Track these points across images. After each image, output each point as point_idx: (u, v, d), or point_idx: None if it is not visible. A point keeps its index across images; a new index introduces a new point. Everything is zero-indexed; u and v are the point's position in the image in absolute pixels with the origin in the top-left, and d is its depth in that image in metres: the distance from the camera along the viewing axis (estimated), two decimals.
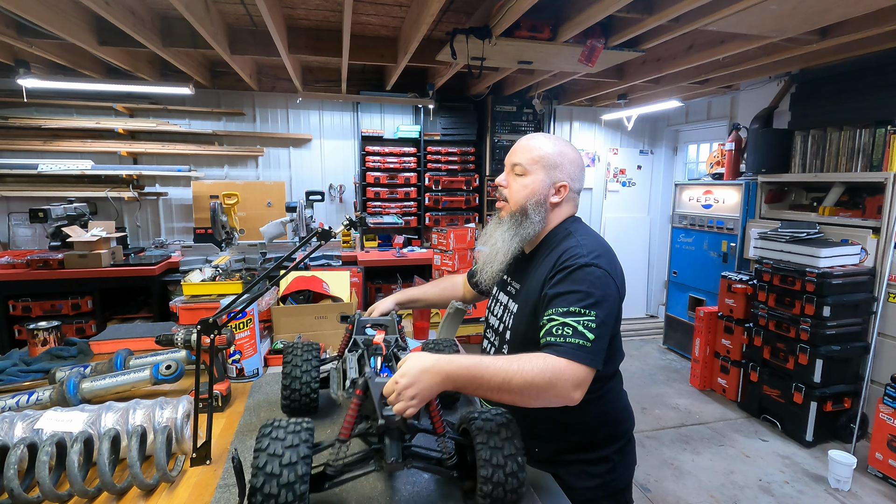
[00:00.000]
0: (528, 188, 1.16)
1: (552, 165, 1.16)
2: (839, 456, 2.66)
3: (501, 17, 2.39)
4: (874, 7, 2.25)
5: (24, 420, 1.02)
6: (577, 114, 5.52)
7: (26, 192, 4.05)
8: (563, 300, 1.01)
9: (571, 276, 1.04)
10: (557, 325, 0.98)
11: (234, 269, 2.27)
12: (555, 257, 1.11)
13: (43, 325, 1.64)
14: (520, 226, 1.17)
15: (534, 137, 1.20)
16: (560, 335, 0.97)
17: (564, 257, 1.08)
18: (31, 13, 2.25)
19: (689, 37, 3.07)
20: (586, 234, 1.16)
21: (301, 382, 1.18)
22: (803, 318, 3.06)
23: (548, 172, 1.16)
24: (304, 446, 0.78)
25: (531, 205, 1.16)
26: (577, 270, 1.04)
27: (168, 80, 4.03)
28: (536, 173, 1.16)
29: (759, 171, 3.85)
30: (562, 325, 0.98)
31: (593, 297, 1.00)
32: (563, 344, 0.96)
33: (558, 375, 0.91)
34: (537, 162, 1.16)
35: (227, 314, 1.10)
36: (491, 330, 1.31)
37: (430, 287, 1.60)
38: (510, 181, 1.20)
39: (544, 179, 1.16)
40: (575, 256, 1.06)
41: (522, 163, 1.17)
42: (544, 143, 1.17)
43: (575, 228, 1.18)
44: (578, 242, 1.11)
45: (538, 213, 1.16)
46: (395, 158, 4.84)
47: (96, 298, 3.59)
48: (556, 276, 1.06)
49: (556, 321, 0.99)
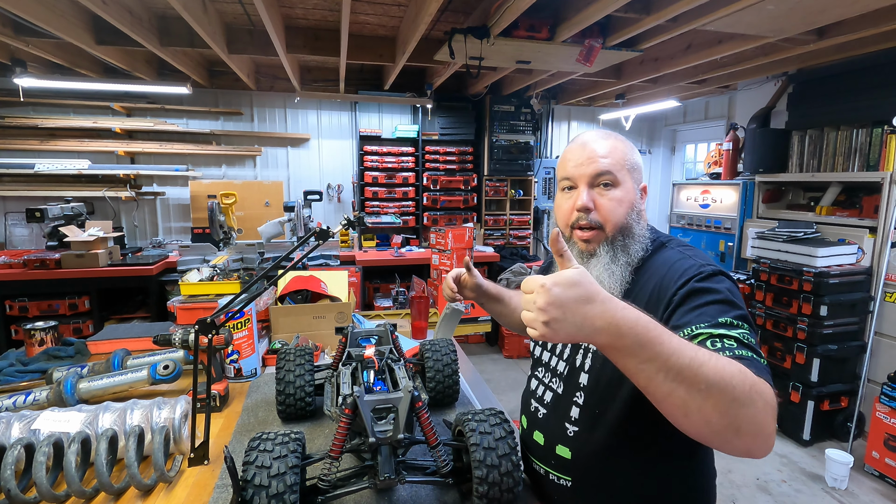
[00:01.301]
0: (624, 202, 0.93)
1: (634, 166, 0.97)
2: (836, 455, 2.67)
3: (500, 17, 2.39)
4: (871, 7, 2.26)
5: (21, 420, 1.02)
6: (576, 113, 5.53)
7: (23, 192, 4.04)
8: (704, 314, 0.79)
9: (704, 286, 0.83)
10: (713, 339, 0.74)
11: (232, 269, 2.27)
12: (660, 275, 0.90)
13: (40, 325, 1.64)
14: (625, 250, 0.94)
15: (601, 137, 0.97)
16: (723, 349, 0.72)
17: (679, 270, 0.87)
18: (28, 12, 2.24)
19: (687, 37, 3.08)
20: (680, 241, 0.98)
21: (295, 387, 1.17)
22: (800, 317, 3.07)
23: (633, 175, 0.96)
24: (293, 456, 0.78)
25: (633, 220, 0.94)
26: (708, 279, 0.84)
27: (166, 79, 4.03)
28: (626, 181, 0.94)
29: (757, 170, 3.86)
30: (720, 338, 0.74)
31: (739, 308, 0.80)
32: (737, 358, 0.69)
33: (760, 391, 0.64)
34: (624, 166, 0.94)
35: (224, 314, 1.10)
36: (546, 370, 1.06)
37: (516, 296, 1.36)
38: (597, 199, 0.94)
39: (633, 186, 0.96)
40: (695, 266, 0.86)
41: (613, 171, 0.93)
42: (615, 142, 0.96)
43: (664, 237, 0.99)
44: (684, 254, 0.91)
45: (640, 224, 0.96)
46: (394, 158, 4.84)
47: (93, 298, 3.58)
48: (679, 293, 0.84)
49: (705, 334, 0.75)
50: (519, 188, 5.17)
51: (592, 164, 0.93)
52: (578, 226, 0.95)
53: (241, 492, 0.75)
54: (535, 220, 5.40)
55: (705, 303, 0.80)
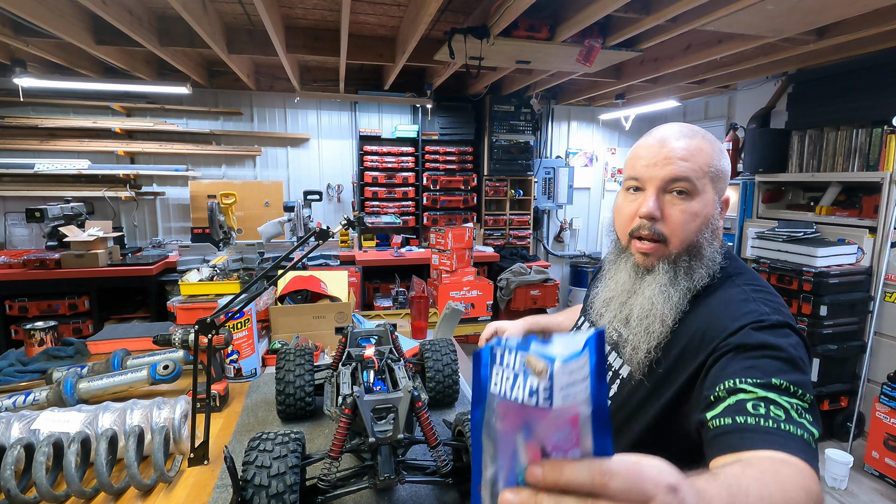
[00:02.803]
0: (699, 216, 0.79)
1: (719, 173, 0.81)
2: (836, 455, 2.67)
3: (499, 17, 2.39)
4: (871, 7, 2.26)
5: (21, 420, 1.02)
6: (575, 113, 5.53)
7: (23, 192, 4.04)
8: (755, 367, 0.66)
9: (762, 337, 0.70)
10: (757, 402, 0.62)
11: (232, 269, 2.27)
12: (714, 314, 0.77)
13: (40, 325, 1.64)
14: (689, 274, 0.80)
15: (684, 134, 0.81)
16: (766, 417, 0.61)
17: (737, 313, 0.74)
18: (27, 12, 2.24)
19: (687, 37, 3.08)
20: (753, 277, 0.82)
21: (294, 387, 1.18)
22: (800, 317, 3.07)
23: (716, 185, 0.81)
24: (293, 456, 0.78)
25: (706, 239, 0.80)
26: (771, 329, 0.71)
27: (165, 79, 4.03)
28: (706, 191, 0.79)
29: (757, 170, 3.86)
30: (765, 403, 0.62)
31: (802, 373, 0.66)
32: (779, 433, 0.59)
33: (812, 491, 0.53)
34: (707, 173, 0.79)
35: (224, 314, 1.10)
36: None
37: (559, 316, 1.29)
38: (666, 208, 0.80)
39: (714, 197, 0.80)
40: (757, 312, 0.73)
41: (693, 177, 0.78)
42: (701, 142, 0.80)
43: (736, 268, 0.83)
44: (749, 296, 0.77)
45: (712, 246, 0.81)
46: (393, 158, 4.84)
47: (93, 298, 3.58)
48: (729, 340, 0.71)
49: (750, 393, 0.63)
50: (519, 188, 5.17)
51: (668, 167, 0.78)
52: (638, 235, 0.82)
53: (241, 492, 0.75)
54: (535, 220, 5.40)
55: (760, 356, 0.68)
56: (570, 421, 0.36)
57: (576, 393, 0.35)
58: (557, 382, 0.35)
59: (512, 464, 0.38)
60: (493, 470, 0.39)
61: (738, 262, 0.86)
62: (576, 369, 0.35)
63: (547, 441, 0.37)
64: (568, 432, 0.36)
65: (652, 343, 0.79)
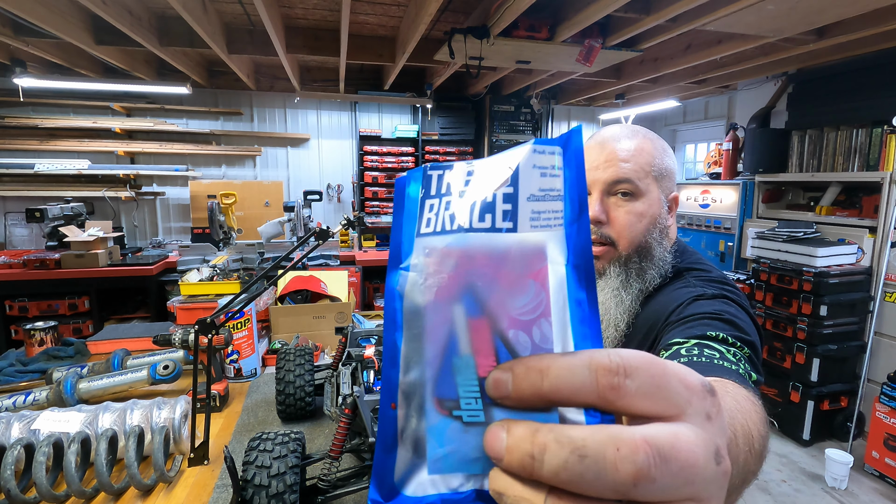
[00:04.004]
0: (645, 216, 0.79)
1: (663, 172, 0.81)
2: (836, 454, 2.66)
3: (499, 17, 2.39)
4: (871, 7, 2.26)
5: (21, 420, 1.02)
6: (575, 113, 5.53)
7: (23, 192, 4.04)
8: (691, 328, 0.68)
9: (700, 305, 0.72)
10: (689, 347, 0.63)
11: (232, 269, 2.27)
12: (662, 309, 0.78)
13: (40, 325, 1.64)
14: (640, 275, 0.80)
15: (625, 135, 0.81)
16: (699, 355, 0.60)
17: (679, 298, 0.77)
18: (27, 12, 2.24)
19: (687, 37, 3.08)
20: (703, 271, 0.83)
21: (295, 387, 1.18)
22: (800, 317, 3.06)
23: (660, 184, 0.81)
24: (293, 456, 0.78)
25: (654, 239, 0.80)
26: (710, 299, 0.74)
27: (165, 79, 4.03)
28: (651, 190, 0.80)
29: (757, 170, 3.86)
30: (698, 347, 0.62)
31: (743, 333, 0.67)
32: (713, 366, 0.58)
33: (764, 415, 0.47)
34: (649, 173, 0.80)
35: (224, 314, 1.10)
36: None
37: None
38: (611, 211, 0.80)
39: (659, 196, 0.81)
40: (698, 290, 0.77)
41: (635, 179, 0.78)
42: (642, 142, 0.81)
43: (687, 263, 0.84)
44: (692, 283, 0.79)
45: (662, 245, 0.81)
46: (393, 158, 4.84)
47: (93, 298, 3.58)
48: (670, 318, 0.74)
49: (685, 344, 0.64)
50: None
51: (610, 169, 0.78)
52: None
53: (241, 492, 0.75)
54: None
55: (696, 320, 0.68)
56: (532, 277, 0.23)
57: (548, 216, 0.24)
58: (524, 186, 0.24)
59: (446, 358, 0.24)
60: (417, 371, 0.24)
61: (692, 257, 0.86)
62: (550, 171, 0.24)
63: (501, 312, 0.23)
64: (532, 296, 0.23)
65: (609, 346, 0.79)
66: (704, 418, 0.21)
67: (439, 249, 0.24)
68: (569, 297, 0.24)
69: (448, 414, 0.24)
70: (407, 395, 0.25)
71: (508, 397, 0.22)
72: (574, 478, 0.19)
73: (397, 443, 0.25)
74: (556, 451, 0.19)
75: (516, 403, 0.22)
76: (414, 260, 0.25)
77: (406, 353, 0.25)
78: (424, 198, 0.26)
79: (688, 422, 0.20)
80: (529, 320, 0.23)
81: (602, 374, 0.20)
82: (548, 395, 0.21)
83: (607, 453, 0.19)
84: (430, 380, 0.24)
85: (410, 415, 0.25)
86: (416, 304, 0.25)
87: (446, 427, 0.24)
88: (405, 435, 0.25)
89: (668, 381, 0.21)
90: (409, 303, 0.25)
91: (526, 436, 0.20)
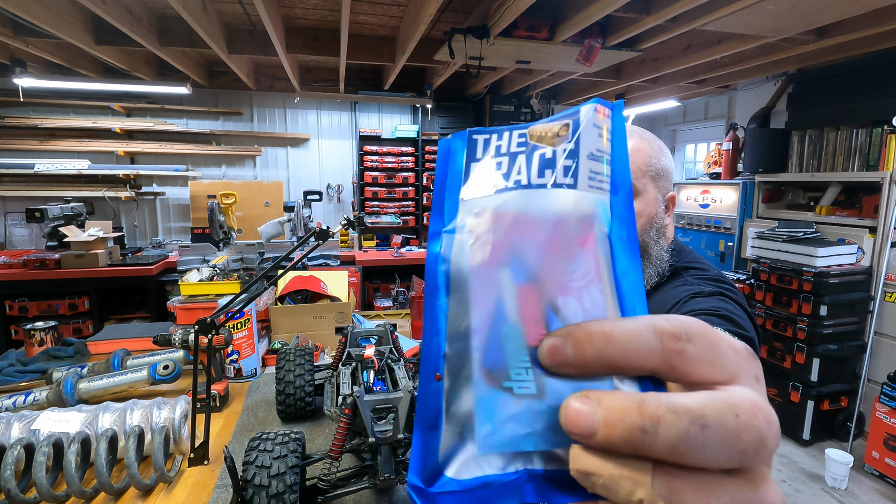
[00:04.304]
0: (641, 216, 0.80)
1: (660, 171, 0.82)
2: (836, 454, 2.66)
3: (499, 17, 2.39)
4: (871, 7, 2.26)
5: (21, 420, 1.02)
6: None
7: (23, 192, 4.04)
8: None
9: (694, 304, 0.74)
10: None
11: (232, 269, 2.27)
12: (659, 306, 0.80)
13: (40, 325, 1.64)
14: None
15: None
16: None
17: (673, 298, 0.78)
18: (27, 12, 2.24)
19: (687, 37, 3.08)
20: (700, 269, 0.84)
21: (295, 387, 1.18)
22: (800, 317, 3.06)
23: (657, 184, 0.82)
24: (293, 456, 0.78)
25: (651, 238, 0.82)
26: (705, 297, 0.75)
27: (165, 79, 4.03)
28: (647, 190, 0.81)
29: (757, 170, 3.86)
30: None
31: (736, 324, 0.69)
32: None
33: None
34: (646, 172, 0.81)
35: (224, 314, 1.10)
36: None
37: None
38: None
39: (656, 196, 0.82)
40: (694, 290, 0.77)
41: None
42: (638, 142, 0.82)
43: (685, 261, 0.85)
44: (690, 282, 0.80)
45: (658, 244, 0.82)
46: (393, 158, 4.84)
47: (93, 298, 3.58)
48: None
49: None
50: None
51: None
52: None
53: (241, 492, 0.75)
54: None
55: (694, 314, 0.67)
56: (581, 245, 0.22)
57: (601, 180, 0.23)
58: (585, 144, 0.23)
59: (494, 326, 0.22)
60: (463, 340, 0.23)
61: (689, 256, 0.87)
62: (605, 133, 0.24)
63: (551, 279, 0.22)
64: (581, 263, 0.22)
65: None
66: (755, 380, 0.21)
67: (492, 208, 0.23)
68: (615, 268, 0.23)
69: (498, 385, 0.22)
70: (454, 365, 0.23)
71: (568, 364, 0.20)
72: (695, 450, 0.17)
73: (442, 419, 0.23)
74: (674, 422, 0.17)
75: (578, 370, 0.20)
76: (460, 222, 0.24)
77: (453, 318, 0.23)
78: (469, 161, 0.25)
79: (743, 384, 0.20)
80: (580, 286, 0.22)
81: (667, 338, 0.20)
82: (614, 360, 0.20)
83: (727, 421, 0.18)
84: (478, 349, 0.22)
85: (458, 386, 0.23)
86: (464, 267, 0.23)
87: (496, 400, 0.22)
88: (452, 410, 0.23)
89: (721, 346, 0.20)
90: (455, 267, 0.24)
91: (632, 407, 0.18)
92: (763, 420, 0.18)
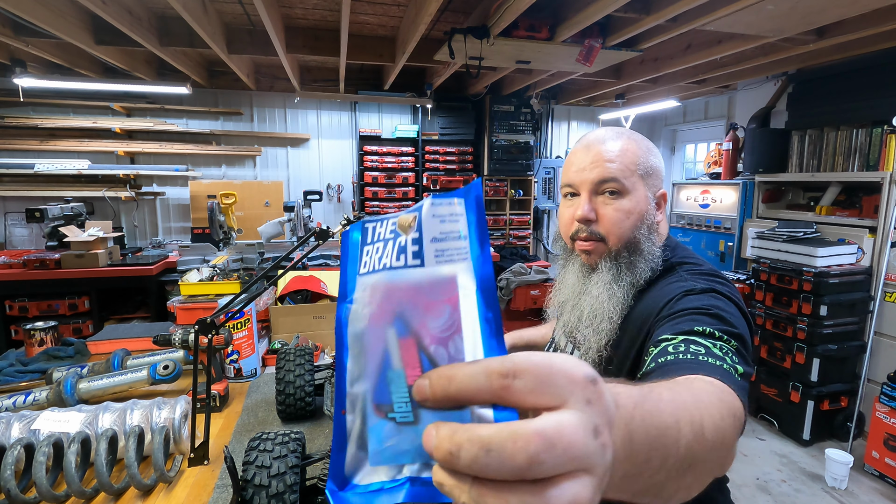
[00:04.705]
0: (632, 214, 0.83)
1: (649, 170, 0.85)
2: (836, 454, 2.67)
3: (499, 17, 2.39)
4: (871, 7, 2.26)
5: (21, 420, 1.02)
6: (575, 113, 5.53)
7: (23, 192, 4.04)
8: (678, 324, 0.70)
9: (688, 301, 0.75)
10: (676, 343, 0.65)
11: (232, 269, 2.27)
12: (653, 304, 0.80)
13: (40, 325, 1.64)
14: (631, 269, 0.84)
15: (610, 137, 0.86)
16: (685, 352, 0.62)
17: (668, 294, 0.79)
18: (27, 12, 2.24)
19: (687, 37, 3.08)
20: (695, 264, 0.85)
21: (295, 387, 1.18)
22: (800, 317, 3.06)
23: (647, 182, 0.85)
24: (293, 456, 0.78)
25: (642, 235, 0.84)
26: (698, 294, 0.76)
27: (165, 79, 4.03)
28: (637, 188, 0.84)
29: (757, 170, 3.86)
30: (685, 343, 0.64)
31: (731, 326, 0.69)
32: (698, 363, 0.59)
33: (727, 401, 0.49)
34: (634, 171, 0.83)
35: (224, 314, 1.10)
36: None
37: (544, 328, 1.24)
38: (600, 209, 0.84)
39: (646, 194, 0.85)
40: (687, 286, 0.78)
41: (619, 177, 0.82)
42: (626, 143, 0.85)
43: (679, 257, 0.87)
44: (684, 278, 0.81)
45: (650, 240, 0.85)
46: (393, 158, 4.84)
47: (93, 298, 3.58)
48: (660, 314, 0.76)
49: (673, 340, 0.66)
50: (519, 188, 5.17)
51: (596, 169, 0.83)
52: (578, 237, 0.87)
53: (241, 492, 0.75)
54: (535, 220, 5.40)
55: (684, 315, 0.70)
56: (448, 302, 0.29)
57: (452, 253, 0.30)
58: (427, 231, 0.30)
59: (382, 371, 0.30)
60: (360, 383, 0.31)
61: (683, 252, 0.89)
62: (449, 217, 0.30)
63: (424, 332, 0.29)
64: (447, 317, 0.29)
65: (602, 341, 0.84)
66: (585, 403, 0.25)
67: (371, 284, 0.32)
68: (479, 316, 0.29)
69: (384, 416, 0.30)
70: (353, 403, 0.31)
71: (427, 400, 0.27)
72: (483, 468, 0.23)
73: (347, 442, 0.31)
74: (469, 448, 0.24)
75: (434, 405, 0.27)
76: (356, 294, 0.32)
77: (351, 369, 0.32)
78: (363, 244, 0.34)
79: (571, 408, 0.25)
80: (446, 336, 0.29)
81: (495, 377, 0.25)
82: (455, 397, 0.26)
83: (506, 447, 0.23)
84: (370, 389, 0.30)
85: (356, 418, 0.31)
86: (358, 329, 0.32)
87: (383, 427, 0.30)
88: (352, 435, 0.31)
89: (552, 377, 0.25)
90: (353, 329, 0.32)
91: (447, 435, 0.25)
92: (539, 444, 0.23)
